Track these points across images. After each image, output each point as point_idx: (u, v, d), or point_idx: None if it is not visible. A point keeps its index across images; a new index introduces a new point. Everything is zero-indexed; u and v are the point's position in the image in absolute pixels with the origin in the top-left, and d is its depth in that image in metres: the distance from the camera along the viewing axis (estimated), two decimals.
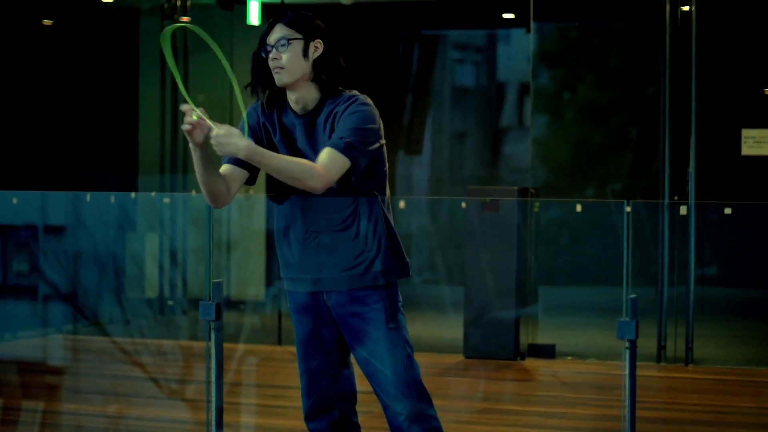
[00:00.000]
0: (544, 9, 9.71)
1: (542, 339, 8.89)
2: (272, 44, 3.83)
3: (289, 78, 3.82)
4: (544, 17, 9.95)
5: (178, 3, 10.51)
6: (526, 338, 8.70)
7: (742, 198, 9.12)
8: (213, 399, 4.04)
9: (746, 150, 9.07)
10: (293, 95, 3.88)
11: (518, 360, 8.54)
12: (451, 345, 8.87)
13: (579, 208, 9.76)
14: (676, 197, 8.97)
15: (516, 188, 8.86)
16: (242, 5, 10.64)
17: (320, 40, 3.87)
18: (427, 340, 9.12)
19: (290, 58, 3.81)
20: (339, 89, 3.89)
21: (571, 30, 10.75)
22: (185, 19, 3.83)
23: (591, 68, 10.61)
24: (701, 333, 8.83)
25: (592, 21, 10.56)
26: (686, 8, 8.95)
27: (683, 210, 8.81)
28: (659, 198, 9.09)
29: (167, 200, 10.37)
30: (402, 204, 10.43)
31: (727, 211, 8.71)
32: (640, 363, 4.94)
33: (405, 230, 10.70)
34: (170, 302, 10.26)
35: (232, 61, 11.25)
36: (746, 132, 9.06)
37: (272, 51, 3.82)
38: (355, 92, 3.91)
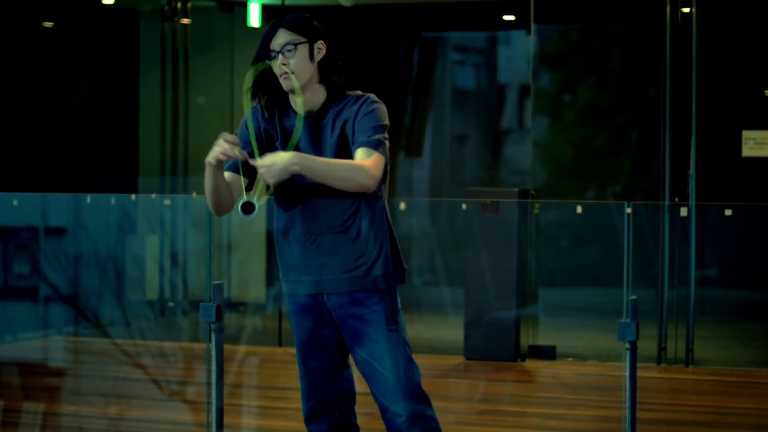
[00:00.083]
0: (545, 11, 9.71)
1: (543, 340, 8.90)
2: (278, 50, 3.81)
3: (299, 82, 3.82)
4: (545, 19, 9.95)
5: (179, 5, 10.52)
6: (527, 339, 8.70)
7: (743, 199, 9.12)
8: (214, 400, 4.05)
9: (747, 151, 9.07)
10: (300, 99, 3.88)
11: (519, 361, 8.54)
12: (452, 346, 8.87)
13: (579, 210, 9.76)
14: (677, 199, 8.97)
15: (516, 190, 8.87)
16: (243, 7, 10.65)
17: (322, 41, 3.88)
18: (428, 342, 9.13)
19: (298, 63, 3.81)
20: (344, 90, 3.91)
21: (572, 32, 10.75)
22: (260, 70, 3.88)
23: (591, 70, 10.61)
24: (702, 334, 8.83)
25: (593, 23, 10.57)
26: (686, 10, 8.95)
27: (684, 211, 8.82)
28: (660, 199, 9.09)
29: (168, 202, 10.37)
30: (402, 206, 10.44)
31: (728, 213, 8.71)
32: (641, 364, 4.94)
33: (405, 232, 10.71)
34: (171, 304, 10.26)
35: (233, 63, 11.30)
36: (747, 133, 9.06)
37: (279, 57, 3.81)
38: (359, 92, 3.92)
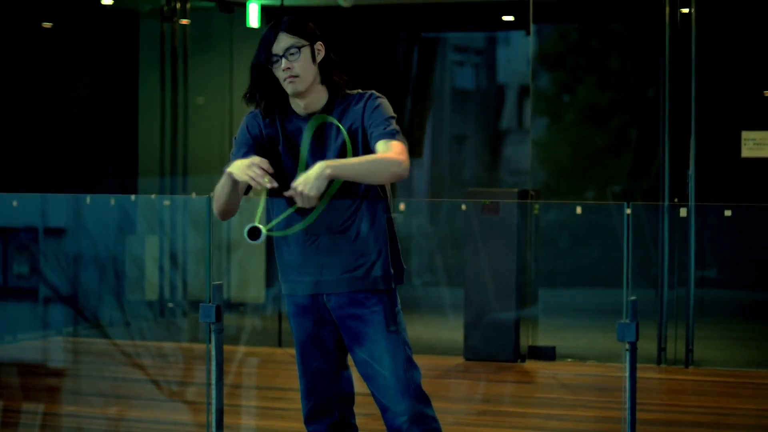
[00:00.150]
0: (544, 11, 9.71)
1: (542, 341, 8.89)
2: (281, 54, 3.82)
3: (304, 85, 3.83)
4: (544, 19, 9.95)
5: (178, 6, 10.52)
6: (526, 340, 8.70)
7: (742, 200, 9.11)
8: (213, 401, 4.04)
9: (746, 152, 9.07)
10: (303, 101, 3.89)
11: (518, 362, 8.53)
12: (451, 347, 8.86)
13: (579, 210, 9.76)
14: (676, 199, 8.97)
15: (516, 190, 8.87)
16: (242, 8, 10.65)
17: (320, 43, 3.89)
18: (427, 342, 9.12)
19: (302, 66, 3.82)
20: (345, 90, 3.92)
21: (571, 32, 10.75)
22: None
23: (591, 70, 10.61)
24: (701, 335, 8.83)
25: (592, 23, 10.57)
26: (686, 10, 8.95)
27: (683, 212, 8.82)
28: (659, 200, 9.09)
29: (167, 202, 10.37)
30: (402, 206, 10.43)
31: (727, 213, 8.71)
32: (641, 365, 4.94)
33: (405, 232, 10.70)
34: (170, 304, 10.26)
35: (232, 63, 11.30)
36: (746, 134, 9.06)
37: (282, 61, 3.82)
38: (359, 90, 3.93)
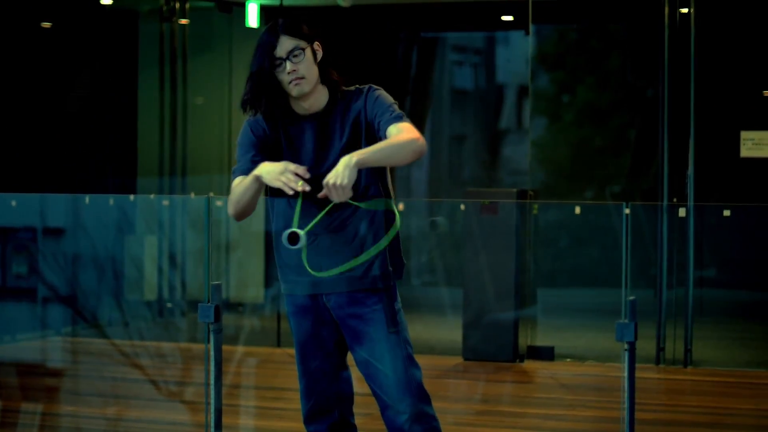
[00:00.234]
0: (543, 11, 9.71)
1: (541, 341, 8.89)
2: (284, 56, 3.83)
3: (309, 86, 3.86)
4: (543, 19, 9.95)
5: (177, 5, 10.52)
6: (525, 340, 8.70)
7: (741, 200, 9.11)
8: (212, 401, 4.04)
9: (745, 152, 9.07)
10: (306, 102, 3.90)
11: (517, 362, 8.53)
12: (450, 347, 8.86)
13: (578, 210, 9.76)
14: (675, 199, 8.97)
15: (515, 190, 8.86)
16: (241, 7, 10.64)
17: (317, 42, 3.90)
18: (426, 342, 9.12)
19: (307, 67, 3.85)
20: (343, 87, 3.95)
21: (570, 32, 10.75)
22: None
23: (590, 70, 10.61)
24: (700, 335, 8.83)
25: (591, 23, 10.57)
26: (685, 10, 8.95)
27: (682, 212, 8.82)
28: (658, 200, 9.09)
29: (166, 202, 10.37)
30: (401, 206, 10.43)
31: (726, 213, 8.71)
32: (639, 365, 4.94)
33: (404, 233, 10.67)
34: (169, 304, 10.26)
35: (231, 63, 11.30)
36: (745, 134, 9.06)
37: (287, 63, 3.83)
38: (356, 86, 3.97)
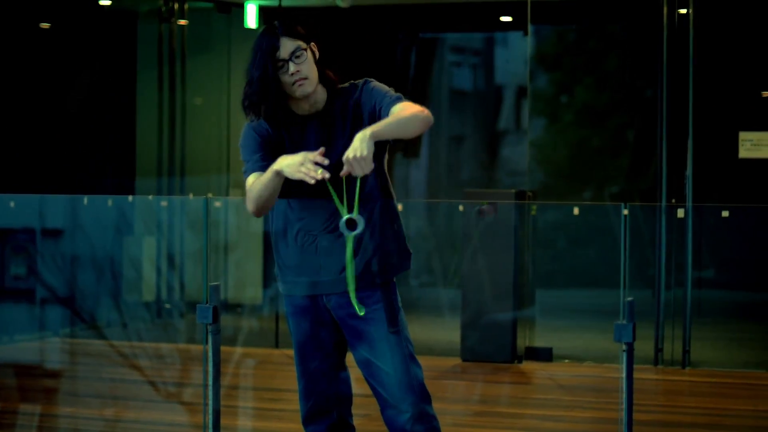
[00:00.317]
0: (542, 12, 9.71)
1: (539, 342, 8.89)
2: (287, 58, 3.85)
3: (312, 86, 3.88)
4: (542, 20, 9.95)
5: (176, 6, 10.52)
6: (524, 341, 8.70)
7: (740, 201, 9.12)
8: (210, 402, 4.04)
9: (743, 153, 9.07)
10: (307, 102, 3.91)
11: (515, 363, 8.53)
12: (448, 348, 8.86)
13: (576, 211, 9.76)
14: (674, 200, 8.97)
15: (513, 191, 8.86)
16: (239, 8, 10.65)
17: (313, 42, 3.92)
18: (424, 343, 9.12)
19: (309, 67, 3.87)
20: (338, 85, 3.97)
21: (569, 33, 10.75)
22: None
23: (588, 71, 10.61)
24: (698, 336, 8.83)
25: (590, 24, 10.57)
26: (684, 11, 8.95)
27: (680, 213, 8.82)
28: (657, 201, 9.09)
29: (165, 203, 10.37)
30: (399, 207, 10.42)
31: (725, 214, 8.71)
32: (637, 366, 4.94)
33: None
34: (167, 305, 10.26)
35: (230, 64, 11.30)
36: (743, 135, 9.06)
37: (290, 65, 3.84)
38: (350, 81, 3.99)
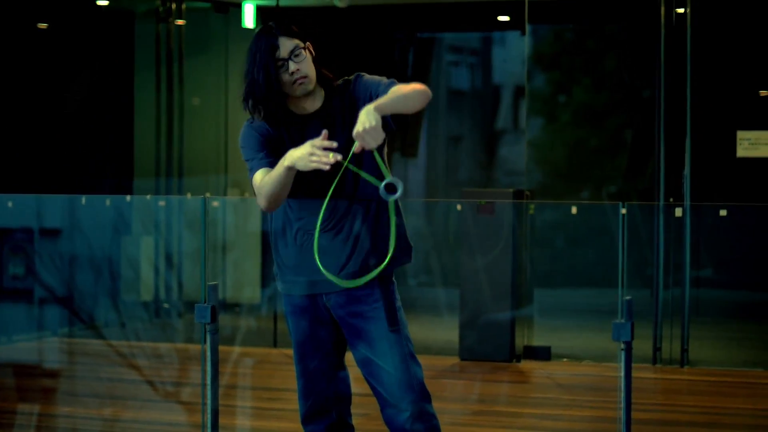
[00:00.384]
0: (539, 11, 9.71)
1: (538, 341, 8.90)
2: (287, 57, 3.86)
3: (312, 84, 3.90)
4: (539, 20, 9.95)
5: (173, 6, 10.52)
6: (522, 340, 8.70)
7: (738, 200, 9.12)
8: (208, 401, 4.04)
9: (741, 152, 9.07)
10: (306, 101, 3.92)
11: (514, 362, 8.54)
12: (447, 347, 8.86)
13: (574, 210, 9.77)
14: (672, 199, 8.98)
15: (511, 190, 8.86)
16: (237, 8, 10.65)
17: (309, 41, 3.93)
18: (423, 342, 9.12)
19: (308, 65, 3.89)
20: (334, 83, 3.97)
21: (566, 32, 10.75)
22: None
23: (586, 71, 10.61)
24: (697, 335, 8.83)
25: (587, 23, 10.57)
26: (681, 10, 8.96)
27: (678, 212, 8.82)
28: (654, 200, 9.09)
29: (162, 203, 10.36)
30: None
31: (723, 213, 8.71)
32: (636, 365, 4.94)
33: None
34: (166, 305, 10.26)
35: (227, 64, 11.29)
36: (741, 134, 9.07)
37: (290, 64, 3.86)
38: (344, 78, 4.00)
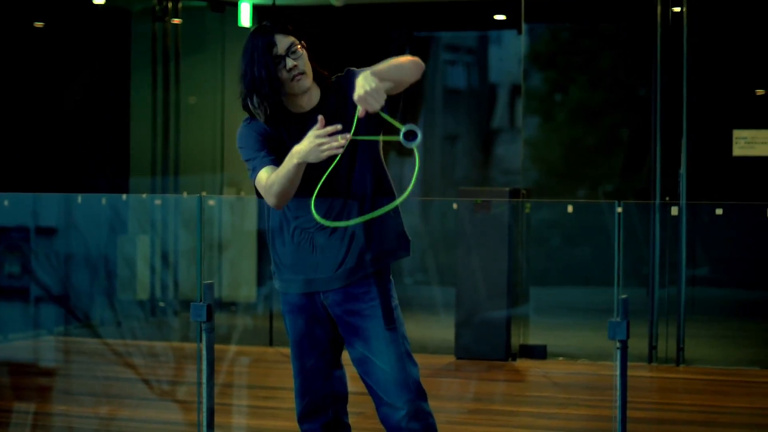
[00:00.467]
0: (536, 10, 9.72)
1: (533, 339, 8.90)
2: (284, 54, 3.86)
3: (309, 81, 3.90)
4: (536, 18, 9.95)
5: (170, 5, 10.51)
6: (518, 339, 8.70)
7: (734, 198, 9.13)
8: (204, 400, 4.04)
9: (737, 151, 9.08)
10: (302, 99, 3.92)
11: (509, 361, 8.54)
12: (443, 346, 8.87)
13: (570, 209, 9.77)
14: (668, 198, 8.98)
15: (507, 189, 8.86)
16: (233, 7, 10.64)
17: (303, 41, 3.93)
18: (419, 341, 9.12)
19: (304, 62, 3.89)
20: (328, 80, 3.98)
21: (563, 31, 10.76)
22: None
23: (582, 69, 10.62)
24: (692, 333, 8.84)
25: (584, 22, 10.58)
26: (677, 9, 8.96)
27: (674, 210, 8.83)
28: (651, 199, 9.10)
29: (158, 202, 10.36)
30: None
31: (719, 212, 8.72)
32: (632, 363, 4.95)
33: None
34: (161, 304, 10.25)
35: (224, 63, 11.29)
36: (737, 133, 9.07)
37: (287, 60, 3.86)
38: (337, 74, 4.00)
